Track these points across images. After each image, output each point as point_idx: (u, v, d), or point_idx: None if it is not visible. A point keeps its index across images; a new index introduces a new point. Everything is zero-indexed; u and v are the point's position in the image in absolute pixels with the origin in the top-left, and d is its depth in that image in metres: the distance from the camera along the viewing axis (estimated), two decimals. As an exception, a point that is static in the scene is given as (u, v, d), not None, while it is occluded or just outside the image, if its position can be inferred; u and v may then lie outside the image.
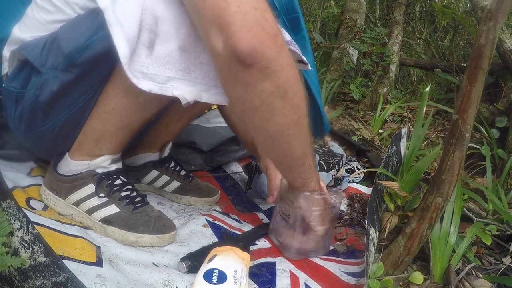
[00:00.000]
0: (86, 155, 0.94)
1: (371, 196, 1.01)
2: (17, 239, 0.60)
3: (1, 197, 0.60)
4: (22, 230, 0.60)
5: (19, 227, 0.60)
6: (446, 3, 4.18)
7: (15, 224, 0.60)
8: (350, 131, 2.10)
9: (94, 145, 0.92)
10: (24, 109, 0.90)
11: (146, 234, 0.93)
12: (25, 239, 0.60)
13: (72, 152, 0.95)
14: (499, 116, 1.82)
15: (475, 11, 2.12)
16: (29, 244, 0.60)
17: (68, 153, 0.95)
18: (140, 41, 0.71)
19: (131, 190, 0.98)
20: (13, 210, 0.61)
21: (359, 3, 3.39)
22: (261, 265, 0.93)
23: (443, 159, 0.89)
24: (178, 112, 1.17)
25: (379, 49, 2.71)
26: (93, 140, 0.91)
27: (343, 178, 1.52)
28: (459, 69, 2.51)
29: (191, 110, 1.17)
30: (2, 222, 0.58)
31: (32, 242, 0.60)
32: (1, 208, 0.60)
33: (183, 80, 0.74)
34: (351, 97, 2.72)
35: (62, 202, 0.95)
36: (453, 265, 0.92)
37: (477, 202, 1.21)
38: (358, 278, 0.92)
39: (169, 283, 0.81)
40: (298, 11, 1.38)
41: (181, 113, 1.18)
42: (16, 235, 0.60)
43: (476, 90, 0.86)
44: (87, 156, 0.94)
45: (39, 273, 0.59)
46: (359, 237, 1.13)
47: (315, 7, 5.38)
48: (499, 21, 0.85)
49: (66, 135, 0.93)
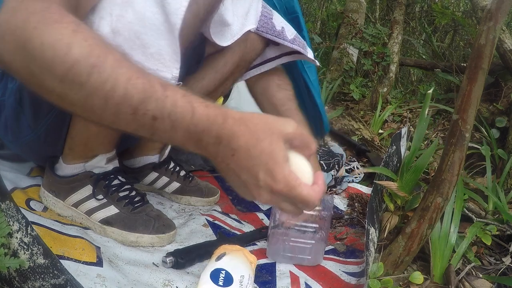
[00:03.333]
0: (80, 158, 0.93)
1: (371, 195, 1.01)
2: (16, 240, 0.59)
3: (1, 198, 0.60)
4: (21, 232, 0.60)
5: (18, 228, 0.60)
6: (446, 3, 4.18)
7: (14, 226, 0.60)
8: (350, 131, 2.10)
9: (84, 147, 0.91)
10: (7, 117, 0.90)
11: (146, 234, 0.93)
12: (24, 241, 0.60)
13: (64, 156, 0.94)
14: (499, 116, 1.82)
15: (475, 11, 2.12)
16: (28, 246, 0.60)
17: (62, 158, 0.94)
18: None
19: (130, 190, 0.97)
20: (12, 211, 0.61)
21: (359, 3, 3.39)
22: (261, 267, 0.93)
23: (443, 159, 0.89)
24: None
25: (380, 49, 2.71)
26: (81, 143, 0.90)
27: (343, 178, 1.51)
28: (459, 69, 2.51)
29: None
30: (1, 223, 0.58)
31: (31, 244, 0.60)
32: (0, 209, 0.59)
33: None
34: (351, 97, 2.72)
35: (61, 204, 0.95)
36: (453, 265, 0.92)
37: (477, 202, 1.21)
38: (358, 278, 0.92)
39: (169, 283, 0.81)
40: (298, 11, 1.38)
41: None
42: (15, 237, 0.59)
43: (476, 90, 0.86)
44: (81, 159, 0.93)
45: (38, 275, 0.59)
46: (359, 237, 1.13)
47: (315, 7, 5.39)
48: (499, 21, 0.85)
49: (53, 142, 0.92)
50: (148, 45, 0.67)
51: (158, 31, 0.67)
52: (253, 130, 0.57)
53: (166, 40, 0.68)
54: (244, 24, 1.01)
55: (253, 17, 1.04)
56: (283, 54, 1.15)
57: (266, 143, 0.56)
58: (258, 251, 1.00)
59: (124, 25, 0.65)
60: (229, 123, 0.57)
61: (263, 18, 1.06)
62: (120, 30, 0.66)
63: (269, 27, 1.07)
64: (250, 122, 0.58)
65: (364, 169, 1.62)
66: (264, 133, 0.57)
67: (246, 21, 1.01)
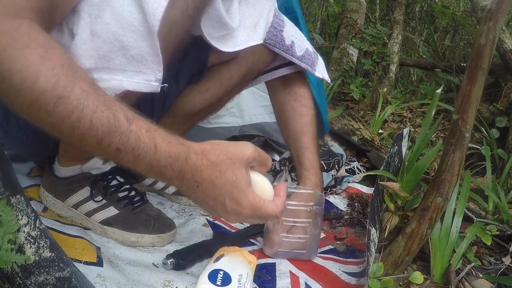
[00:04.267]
0: (76, 160, 0.92)
1: (373, 196, 1.01)
2: (23, 234, 0.59)
3: (12, 192, 0.60)
4: (29, 225, 0.60)
5: (27, 222, 0.60)
6: (446, 3, 4.18)
7: (23, 220, 0.60)
8: (350, 131, 2.10)
9: (78, 150, 0.89)
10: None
11: (146, 234, 0.93)
12: (31, 234, 0.60)
13: (60, 158, 0.93)
14: (499, 116, 1.82)
15: (475, 11, 2.12)
16: (35, 239, 0.60)
17: (57, 160, 0.94)
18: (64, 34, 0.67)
19: (129, 190, 0.97)
20: (22, 205, 0.60)
21: (359, 3, 3.39)
22: (261, 267, 0.93)
23: (443, 159, 0.89)
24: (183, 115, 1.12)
25: (380, 49, 2.71)
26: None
27: (343, 178, 1.52)
28: (459, 69, 2.51)
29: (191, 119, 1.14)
30: (10, 220, 0.58)
31: (38, 237, 0.60)
32: (10, 204, 0.59)
33: (104, 68, 0.67)
34: (351, 97, 2.72)
35: (61, 204, 0.95)
36: (453, 265, 0.92)
37: (477, 202, 1.21)
38: (358, 278, 0.92)
39: (169, 283, 0.81)
40: (296, 11, 1.38)
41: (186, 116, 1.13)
42: (22, 231, 0.59)
43: (476, 90, 0.86)
44: (77, 161, 0.92)
45: (43, 269, 0.60)
46: (359, 237, 1.13)
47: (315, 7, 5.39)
48: (499, 21, 0.85)
49: (42, 141, 0.91)
50: (128, 47, 0.66)
51: (138, 32, 0.65)
52: (216, 162, 0.60)
53: (147, 42, 0.66)
54: (251, 36, 0.95)
55: (261, 30, 0.97)
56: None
57: (229, 173, 0.60)
58: (259, 251, 1.00)
59: (102, 27, 0.64)
60: (191, 159, 0.59)
61: (272, 30, 1.00)
62: (98, 32, 0.64)
63: (278, 40, 1.01)
64: (212, 154, 0.61)
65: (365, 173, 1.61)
66: (226, 164, 0.61)
67: (254, 34, 0.95)
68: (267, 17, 0.99)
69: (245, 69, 1.05)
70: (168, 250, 0.93)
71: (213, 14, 0.82)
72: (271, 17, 1.00)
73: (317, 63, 1.08)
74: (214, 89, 1.06)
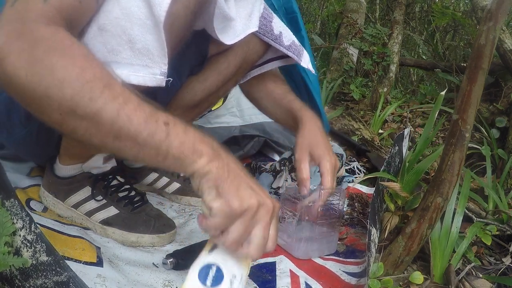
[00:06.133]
0: (76, 159, 0.92)
1: (373, 196, 1.01)
2: (19, 238, 0.59)
3: (5, 196, 0.60)
4: (25, 229, 0.60)
5: (22, 226, 0.60)
6: (446, 3, 4.18)
7: (18, 223, 0.60)
8: (350, 131, 2.10)
9: (79, 148, 0.90)
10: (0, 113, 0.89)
11: (147, 234, 0.93)
12: (27, 238, 0.60)
13: (61, 157, 0.93)
14: (499, 116, 1.82)
15: (475, 11, 2.12)
16: (31, 243, 0.60)
17: (58, 158, 0.94)
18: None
19: (129, 190, 0.97)
20: (16, 209, 0.61)
21: (359, 3, 3.39)
22: (261, 266, 0.93)
23: (443, 159, 0.89)
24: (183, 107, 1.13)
25: (380, 49, 2.71)
26: (76, 143, 0.89)
27: (343, 178, 1.51)
28: (459, 69, 2.51)
29: (192, 111, 1.16)
30: (6, 222, 0.58)
31: (35, 241, 0.60)
32: (5, 207, 0.59)
33: (112, 63, 0.68)
34: (351, 97, 2.72)
35: (61, 204, 0.95)
36: (453, 265, 0.92)
37: (477, 202, 1.21)
38: (358, 278, 0.92)
39: (169, 283, 0.81)
40: (296, 11, 1.38)
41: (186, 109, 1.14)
42: (18, 234, 0.59)
43: (476, 90, 0.86)
44: (78, 159, 0.92)
45: (40, 273, 0.59)
46: (359, 237, 1.13)
47: (315, 7, 5.39)
48: (499, 21, 0.85)
49: (45, 140, 0.91)
50: (135, 40, 0.67)
51: (144, 26, 0.67)
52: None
53: (153, 35, 0.68)
54: (248, 25, 1.00)
55: (256, 18, 1.03)
56: (284, 55, 1.15)
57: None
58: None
59: (111, 21, 0.66)
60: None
61: (262, 20, 1.05)
62: (107, 26, 0.66)
63: (268, 30, 1.06)
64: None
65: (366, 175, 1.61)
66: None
67: (249, 23, 1.00)
68: (259, 7, 1.04)
69: (241, 58, 1.08)
70: (168, 250, 0.93)
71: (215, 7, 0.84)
72: (261, 8, 1.06)
73: (302, 55, 1.12)
74: (213, 77, 1.09)
